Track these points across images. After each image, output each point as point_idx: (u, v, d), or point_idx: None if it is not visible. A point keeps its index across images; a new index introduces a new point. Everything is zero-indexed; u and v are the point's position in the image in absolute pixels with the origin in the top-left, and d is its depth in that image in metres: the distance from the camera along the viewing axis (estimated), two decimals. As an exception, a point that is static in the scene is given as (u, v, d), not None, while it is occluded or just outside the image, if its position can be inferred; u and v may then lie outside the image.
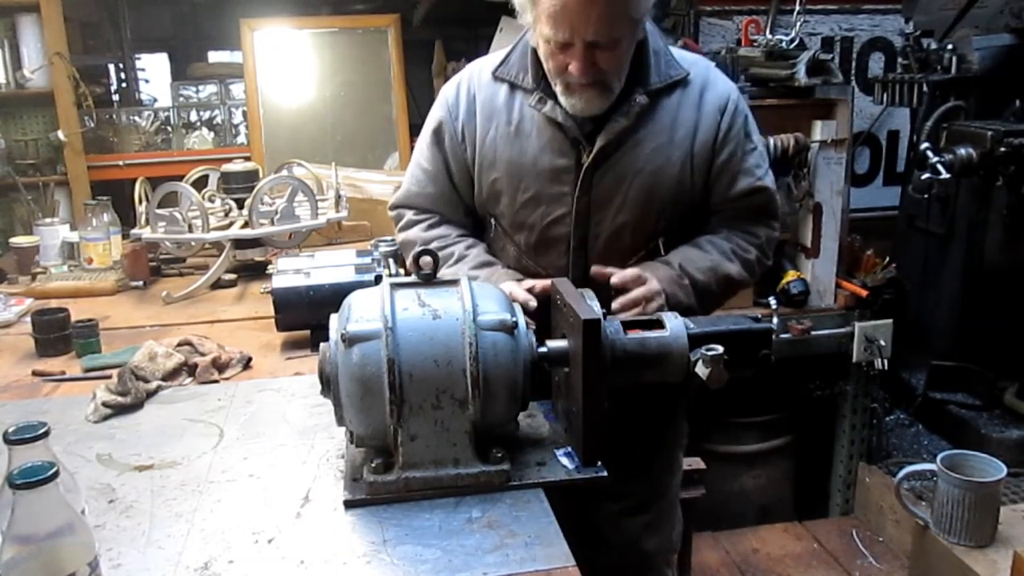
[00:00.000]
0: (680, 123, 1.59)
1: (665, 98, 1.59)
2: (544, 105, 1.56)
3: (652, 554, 1.83)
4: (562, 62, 1.47)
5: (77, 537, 0.95)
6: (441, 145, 1.69)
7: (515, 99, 1.62)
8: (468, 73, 1.70)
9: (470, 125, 1.65)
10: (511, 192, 1.63)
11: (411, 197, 1.76)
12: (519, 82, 1.61)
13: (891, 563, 2.92)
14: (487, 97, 1.64)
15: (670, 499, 1.89)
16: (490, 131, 1.63)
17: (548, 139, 1.59)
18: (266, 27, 3.98)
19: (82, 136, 3.75)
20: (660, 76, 1.58)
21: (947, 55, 3.10)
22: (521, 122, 1.61)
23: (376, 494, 1.24)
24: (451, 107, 1.68)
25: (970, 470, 2.03)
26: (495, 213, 1.70)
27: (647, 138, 1.58)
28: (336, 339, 1.24)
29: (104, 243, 2.67)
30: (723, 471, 3.12)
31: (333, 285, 1.91)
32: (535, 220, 1.63)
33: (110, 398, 1.61)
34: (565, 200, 1.60)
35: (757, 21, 3.47)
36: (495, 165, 1.63)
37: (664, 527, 1.86)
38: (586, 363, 1.22)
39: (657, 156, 1.58)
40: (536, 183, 1.61)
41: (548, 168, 1.59)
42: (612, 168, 1.58)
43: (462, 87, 1.68)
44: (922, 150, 2.93)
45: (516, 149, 1.61)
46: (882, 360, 3.02)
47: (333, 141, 4.10)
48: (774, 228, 1.75)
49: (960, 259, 3.18)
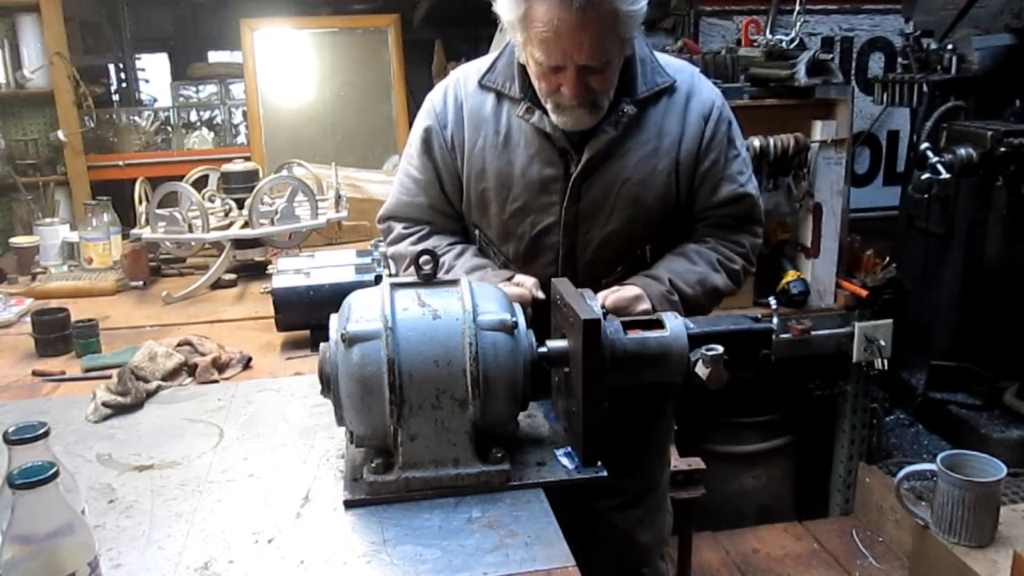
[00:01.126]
0: (666, 132, 1.59)
1: (652, 107, 1.59)
2: (532, 116, 1.55)
3: (647, 547, 1.85)
4: (554, 83, 1.47)
5: (77, 537, 0.95)
6: (431, 153, 1.67)
7: (502, 108, 1.61)
8: (454, 80, 1.68)
9: (459, 134, 1.64)
10: (499, 202, 1.62)
11: (401, 207, 1.73)
12: (506, 91, 1.60)
13: (891, 563, 2.92)
14: (474, 106, 1.63)
15: (661, 492, 1.91)
16: (478, 141, 1.62)
17: (536, 149, 1.58)
18: (266, 27, 3.98)
19: (82, 136, 3.76)
20: (647, 85, 1.57)
21: (947, 55, 3.10)
22: (509, 132, 1.60)
23: (376, 494, 1.24)
24: (439, 115, 1.66)
25: (970, 470, 2.03)
26: (481, 224, 1.68)
27: (634, 147, 1.58)
28: (336, 339, 1.24)
29: (104, 243, 2.67)
30: (723, 471, 3.11)
31: (333, 285, 1.91)
32: (524, 230, 1.62)
33: (110, 398, 1.61)
34: (553, 210, 1.60)
35: (757, 21, 3.47)
36: (484, 175, 1.62)
37: (656, 520, 1.88)
38: (586, 363, 1.22)
39: (644, 165, 1.58)
40: (525, 193, 1.60)
41: (537, 178, 1.59)
42: (600, 178, 1.58)
43: (449, 95, 1.66)
44: (922, 150, 2.93)
45: (504, 160, 1.60)
46: (882, 360, 3.01)
47: (333, 141, 4.10)
48: (758, 235, 1.74)
49: (960, 259, 3.18)
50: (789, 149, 2.88)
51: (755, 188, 1.70)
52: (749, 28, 3.39)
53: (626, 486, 1.75)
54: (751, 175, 1.70)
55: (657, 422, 1.86)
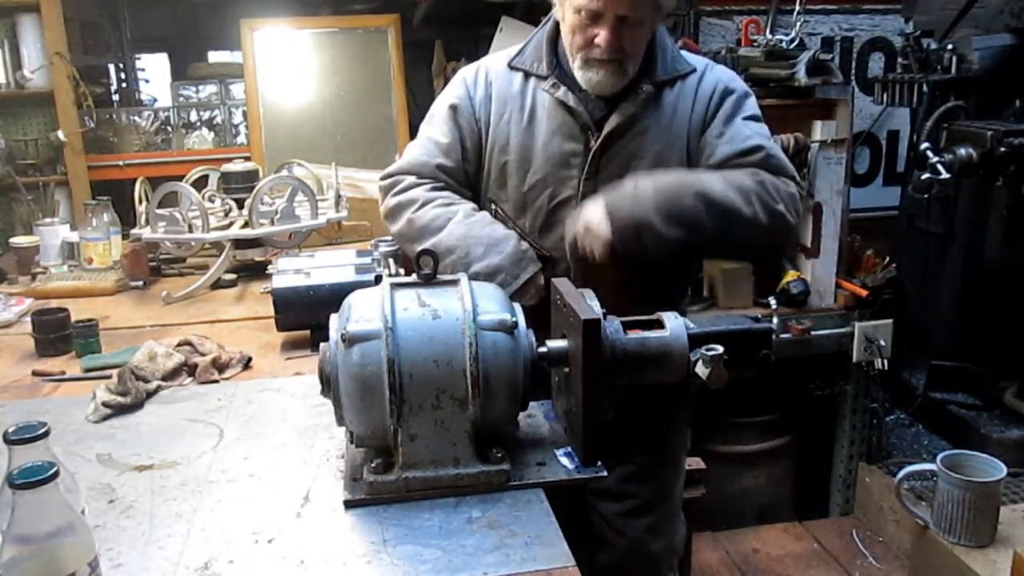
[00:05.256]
0: (679, 111, 1.67)
1: (668, 90, 1.67)
2: (557, 90, 1.64)
3: (658, 555, 1.83)
4: (590, 35, 1.54)
5: (77, 537, 0.95)
6: (458, 122, 1.74)
7: (529, 87, 1.70)
8: (485, 63, 1.78)
9: (485, 109, 1.72)
10: (519, 174, 1.69)
11: (416, 166, 1.73)
12: (534, 70, 1.69)
13: (891, 563, 2.92)
14: (503, 85, 1.72)
15: (674, 503, 1.89)
16: (504, 116, 1.70)
17: (559, 124, 1.66)
18: (266, 27, 3.98)
19: (82, 136, 3.75)
20: (667, 70, 1.67)
21: (947, 55, 3.10)
22: (534, 109, 1.68)
23: (376, 494, 1.24)
24: (470, 88, 1.74)
25: (970, 470, 2.03)
26: (499, 197, 1.74)
27: (651, 126, 1.65)
28: (336, 339, 1.24)
29: (104, 243, 2.67)
30: (723, 471, 3.11)
31: (333, 285, 1.91)
32: (542, 202, 1.69)
33: (110, 398, 1.61)
34: (572, 183, 1.66)
35: (757, 21, 3.47)
36: (507, 149, 1.70)
37: (668, 530, 1.86)
38: (586, 363, 1.22)
39: (658, 142, 1.65)
40: (545, 166, 1.67)
41: (557, 152, 1.66)
42: (618, 153, 1.64)
43: (480, 73, 1.75)
44: (922, 150, 2.93)
45: (528, 135, 1.68)
46: (882, 360, 3.02)
47: (333, 141, 4.10)
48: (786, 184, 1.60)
49: (960, 259, 3.18)
50: (789, 149, 2.88)
51: (770, 143, 1.65)
52: (749, 28, 3.39)
53: (637, 493, 1.75)
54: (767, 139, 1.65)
55: (672, 431, 1.85)
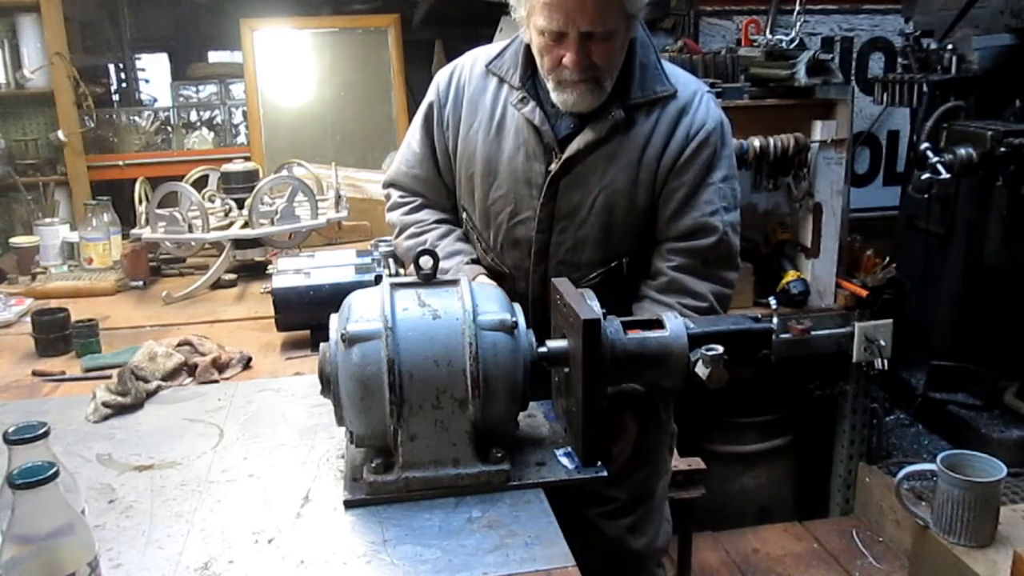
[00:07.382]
0: (652, 144, 1.55)
1: (643, 115, 1.55)
2: (525, 106, 1.57)
3: (641, 554, 1.81)
4: (556, 56, 1.46)
5: (77, 537, 0.95)
6: (429, 130, 1.72)
7: (501, 94, 1.63)
8: (463, 62, 1.71)
9: (455, 115, 1.68)
10: (484, 187, 1.65)
11: (400, 176, 1.80)
12: (507, 78, 1.62)
13: (891, 563, 2.92)
14: (476, 89, 1.66)
15: (656, 501, 1.84)
16: (473, 124, 1.65)
17: (524, 140, 1.59)
18: (266, 27, 3.98)
19: (82, 136, 3.76)
20: (643, 91, 1.55)
21: (947, 55, 3.10)
22: (503, 119, 1.61)
23: (376, 494, 1.24)
24: (441, 94, 1.71)
25: (970, 470, 2.03)
26: (468, 206, 1.72)
27: (618, 155, 1.55)
28: (336, 339, 1.24)
29: (104, 243, 2.67)
30: (723, 471, 3.11)
31: (333, 285, 1.91)
32: (502, 218, 1.64)
33: (110, 398, 1.61)
34: (532, 203, 1.60)
35: (757, 21, 3.47)
36: (473, 159, 1.65)
37: (649, 528, 1.82)
38: (586, 363, 1.22)
39: (625, 175, 1.55)
40: (508, 182, 1.62)
41: (520, 169, 1.60)
42: (578, 180, 1.56)
43: (454, 76, 1.70)
44: (922, 150, 2.93)
45: (494, 146, 1.62)
46: (882, 360, 3.01)
47: (333, 141, 4.10)
48: (727, 282, 1.60)
49: (960, 259, 3.17)
50: (789, 149, 2.88)
51: (729, 224, 1.57)
52: (749, 28, 3.39)
53: (616, 496, 1.73)
54: (730, 211, 1.58)
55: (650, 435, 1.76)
